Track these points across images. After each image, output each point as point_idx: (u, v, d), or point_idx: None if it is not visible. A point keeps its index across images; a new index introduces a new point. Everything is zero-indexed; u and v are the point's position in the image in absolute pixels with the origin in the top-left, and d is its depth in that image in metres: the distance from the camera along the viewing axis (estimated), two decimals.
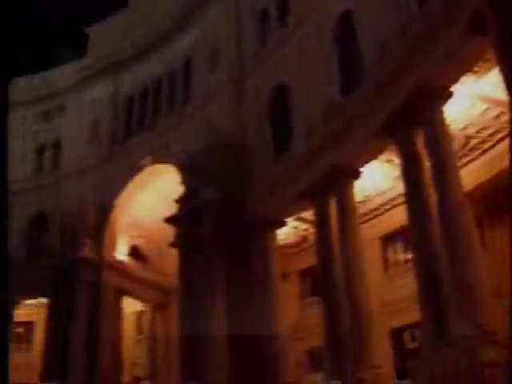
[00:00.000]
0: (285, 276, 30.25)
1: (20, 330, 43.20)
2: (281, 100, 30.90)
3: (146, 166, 38.24)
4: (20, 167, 46.16)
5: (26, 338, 43.87)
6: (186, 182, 32.18)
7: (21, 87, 48.64)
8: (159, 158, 37.54)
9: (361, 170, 23.98)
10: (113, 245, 39.77)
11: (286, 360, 26.76)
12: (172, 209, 32.30)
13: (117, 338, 38.36)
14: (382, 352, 22.50)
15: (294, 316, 30.01)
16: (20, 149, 46.95)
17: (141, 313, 43.94)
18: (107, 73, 44.73)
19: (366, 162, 23.65)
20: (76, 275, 37.94)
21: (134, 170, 38.97)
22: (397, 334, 25.31)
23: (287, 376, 26.42)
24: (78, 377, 35.03)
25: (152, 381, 40.26)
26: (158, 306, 42.29)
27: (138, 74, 42.95)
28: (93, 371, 35.31)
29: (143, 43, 42.37)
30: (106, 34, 46.17)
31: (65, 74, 47.76)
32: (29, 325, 44.08)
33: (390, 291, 24.97)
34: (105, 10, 47.41)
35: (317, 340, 25.34)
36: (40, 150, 47.72)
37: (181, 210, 31.70)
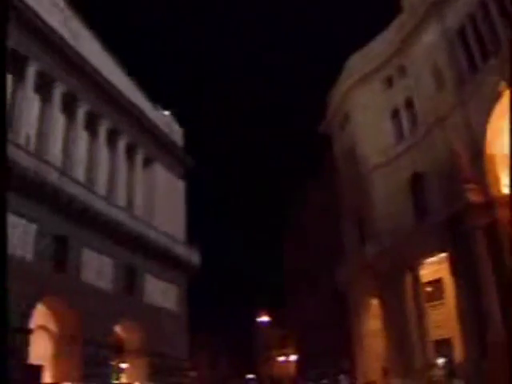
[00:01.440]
0: None
1: (429, 289, 44.85)
2: None
3: (502, 92, 35.95)
4: (384, 138, 49.13)
5: (437, 296, 45.04)
6: None
7: (361, 62, 52.29)
8: None
9: None
10: (496, 181, 38.22)
11: None
12: None
13: None
14: None
15: None
16: (375, 121, 49.83)
17: None
18: (428, 17, 43.72)
19: None
20: (468, 222, 37.58)
21: (491, 100, 36.84)
22: None
23: None
24: (497, 318, 34.79)
25: None
26: None
27: (458, 4, 40.75)
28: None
29: None
30: None
31: (389, 37, 48.84)
32: (437, 282, 45.19)
33: None
34: None
35: None
36: (395, 115, 49.29)
37: None
